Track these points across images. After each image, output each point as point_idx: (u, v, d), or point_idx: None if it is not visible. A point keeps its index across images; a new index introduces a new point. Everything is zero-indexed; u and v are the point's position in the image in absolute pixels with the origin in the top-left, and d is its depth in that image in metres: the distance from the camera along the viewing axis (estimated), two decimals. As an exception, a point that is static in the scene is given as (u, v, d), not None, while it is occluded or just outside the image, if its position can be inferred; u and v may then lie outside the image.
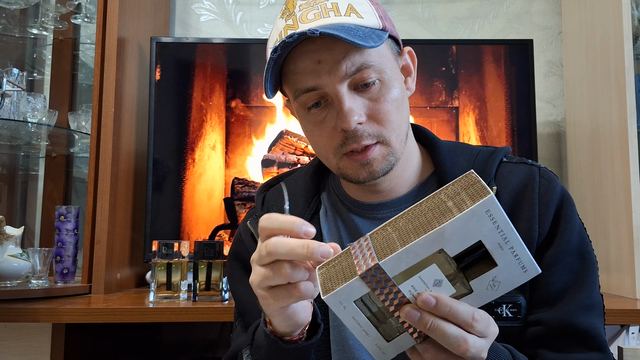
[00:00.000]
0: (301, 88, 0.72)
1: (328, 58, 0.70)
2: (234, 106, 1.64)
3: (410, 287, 0.52)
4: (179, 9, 1.95)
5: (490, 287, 0.53)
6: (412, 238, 0.49)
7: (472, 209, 0.47)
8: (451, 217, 0.48)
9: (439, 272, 0.51)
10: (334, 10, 0.70)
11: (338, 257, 0.55)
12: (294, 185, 0.88)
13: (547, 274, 0.74)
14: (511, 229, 0.49)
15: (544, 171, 0.78)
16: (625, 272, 1.39)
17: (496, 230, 0.49)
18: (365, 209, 0.81)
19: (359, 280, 0.51)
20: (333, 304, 0.53)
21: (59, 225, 1.45)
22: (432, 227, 0.49)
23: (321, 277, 0.55)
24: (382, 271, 0.50)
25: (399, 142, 0.75)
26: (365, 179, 0.74)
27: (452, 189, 0.50)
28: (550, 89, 1.88)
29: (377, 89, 0.72)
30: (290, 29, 0.71)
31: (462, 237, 0.49)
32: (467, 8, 1.93)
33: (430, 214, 0.50)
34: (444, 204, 0.50)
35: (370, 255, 0.51)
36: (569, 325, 0.71)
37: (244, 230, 0.88)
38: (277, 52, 0.68)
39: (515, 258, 0.51)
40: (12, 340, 1.24)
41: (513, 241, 0.50)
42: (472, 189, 0.49)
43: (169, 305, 1.25)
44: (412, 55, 0.81)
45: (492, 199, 0.47)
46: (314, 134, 0.75)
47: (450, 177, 0.78)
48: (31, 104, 1.53)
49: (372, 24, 0.72)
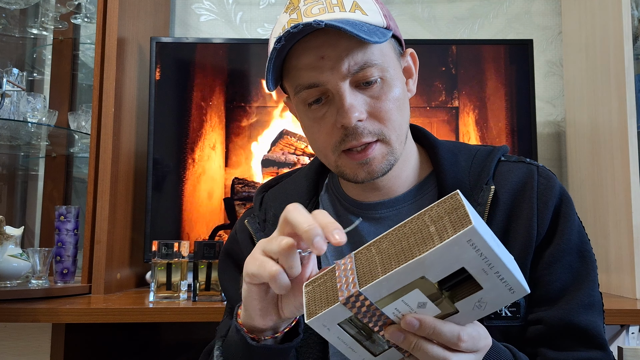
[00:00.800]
0: (303, 84, 0.71)
1: (331, 54, 0.69)
2: (234, 106, 1.64)
3: (394, 309, 0.51)
4: (179, 9, 1.95)
5: (477, 307, 0.52)
6: (394, 265, 0.48)
7: (453, 239, 0.46)
8: (432, 246, 0.47)
9: (422, 295, 0.50)
10: (338, 6, 0.70)
11: (324, 276, 0.55)
12: (292, 186, 0.88)
13: (547, 272, 0.74)
14: (495, 255, 0.47)
15: (542, 170, 0.78)
16: (625, 272, 1.39)
17: (479, 258, 0.47)
18: (364, 208, 0.81)
19: (341, 306, 0.51)
20: (317, 327, 0.53)
21: (58, 225, 1.45)
22: (413, 255, 0.48)
23: (306, 296, 0.55)
24: (364, 297, 0.50)
25: (399, 142, 0.75)
26: (364, 178, 0.74)
27: (436, 212, 0.49)
28: (550, 88, 1.88)
29: (378, 87, 0.72)
30: (294, 22, 0.70)
31: (444, 265, 0.48)
32: (467, 8, 1.93)
33: (412, 239, 0.49)
34: (427, 229, 0.48)
35: (352, 280, 0.51)
36: (570, 324, 0.71)
37: (241, 229, 0.87)
38: (280, 42, 0.68)
39: (502, 281, 0.49)
40: (12, 340, 1.24)
41: (498, 266, 0.48)
42: (455, 215, 0.47)
43: (169, 305, 1.25)
44: (414, 57, 0.81)
45: (474, 230, 0.45)
46: (313, 130, 0.75)
47: (448, 176, 0.78)
48: (31, 104, 1.53)
49: (376, 21, 0.71)
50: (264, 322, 0.63)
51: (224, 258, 0.90)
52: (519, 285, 0.50)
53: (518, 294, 0.51)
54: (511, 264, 0.50)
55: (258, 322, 0.63)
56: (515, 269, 0.50)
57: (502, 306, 0.52)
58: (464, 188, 0.77)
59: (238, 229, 0.88)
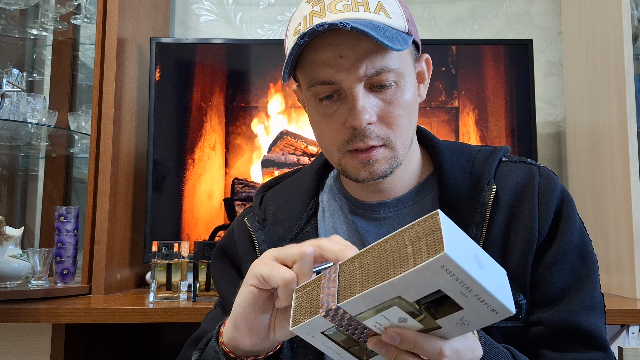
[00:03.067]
0: (317, 79, 0.71)
1: (350, 54, 0.69)
2: (234, 106, 1.64)
3: (375, 322, 0.51)
4: (178, 10, 1.95)
5: (460, 325, 0.51)
6: (370, 284, 0.48)
7: (425, 264, 0.45)
8: (406, 269, 0.46)
9: (401, 312, 0.50)
10: (363, 5, 0.70)
11: (312, 283, 0.55)
12: (293, 186, 0.88)
13: (548, 273, 0.74)
14: (472, 279, 0.46)
15: (543, 170, 0.78)
16: (625, 272, 1.39)
17: (456, 282, 0.46)
18: (365, 208, 0.81)
19: (321, 317, 0.51)
20: (301, 334, 0.54)
21: (58, 226, 1.45)
22: (389, 275, 0.47)
23: (295, 302, 0.55)
24: (344, 311, 0.50)
25: (404, 148, 0.75)
26: (365, 178, 0.74)
27: (415, 232, 0.48)
28: (550, 89, 1.88)
29: (392, 92, 0.71)
30: (317, 16, 0.70)
31: (419, 287, 0.47)
32: (467, 8, 1.93)
33: (390, 258, 0.48)
34: (405, 249, 0.48)
35: (333, 293, 0.51)
36: (571, 325, 0.71)
37: (239, 227, 0.87)
38: (304, 39, 0.67)
39: (483, 303, 0.48)
40: (12, 341, 1.24)
41: (476, 289, 0.47)
42: (432, 238, 0.46)
43: (169, 305, 1.25)
44: (429, 63, 0.81)
45: (446, 257, 0.44)
46: (321, 126, 0.75)
47: (449, 177, 0.78)
48: (31, 104, 1.53)
49: (398, 26, 0.71)
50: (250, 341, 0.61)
51: (218, 254, 0.90)
52: (502, 307, 0.49)
53: (502, 315, 0.50)
54: (493, 286, 0.48)
55: (244, 340, 0.61)
56: (498, 290, 0.48)
57: (488, 324, 0.51)
58: (465, 188, 0.77)
59: (236, 226, 0.88)
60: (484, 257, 0.50)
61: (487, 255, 0.51)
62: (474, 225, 0.74)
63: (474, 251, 0.49)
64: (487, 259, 0.51)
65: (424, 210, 0.79)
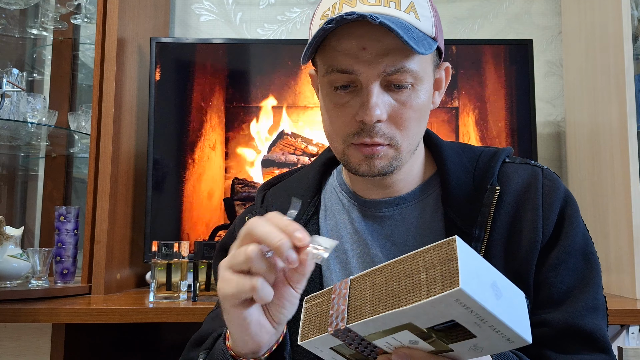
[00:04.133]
0: (336, 66, 0.70)
1: (373, 48, 0.68)
2: (234, 106, 1.63)
3: (385, 342, 0.51)
4: (178, 9, 1.95)
5: (473, 350, 0.50)
6: (381, 309, 0.47)
7: (439, 297, 0.43)
8: (418, 298, 0.45)
9: (412, 335, 0.49)
10: (395, 2, 0.69)
11: (322, 296, 0.55)
12: (295, 184, 0.88)
13: (552, 275, 0.74)
14: (487, 312, 0.44)
15: (547, 172, 0.78)
16: (625, 272, 1.39)
17: (470, 314, 0.45)
18: (368, 205, 0.81)
19: (330, 335, 0.51)
20: (309, 347, 0.54)
21: (58, 226, 1.45)
22: (400, 302, 0.46)
23: (304, 314, 0.55)
24: (353, 332, 0.50)
25: (408, 151, 0.75)
26: (364, 172, 0.74)
27: (430, 257, 0.46)
28: (550, 89, 1.88)
29: (407, 94, 0.71)
30: (347, 4, 0.69)
31: (431, 316, 0.46)
32: (467, 8, 1.93)
33: (403, 283, 0.47)
34: (418, 275, 0.46)
35: (342, 311, 0.51)
36: (574, 327, 0.71)
37: (241, 225, 0.87)
38: (330, 24, 0.66)
39: (497, 333, 0.47)
40: (12, 341, 1.24)
41: (491, 321, 0.45)
42: (447, 267, 0.44)
43: (169, 305, 1.25)
44: (449, 72, 0.81)
45: (461, 291, 0.43)
46: (331, 114, 0.74)
47: (452, 177, 0.78)
48: (31, 104, 1.53)
49: (426, 29, 0.71)
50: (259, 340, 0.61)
51: (219, 252, 0.90)
52: (517, 337, 0.48)
53: (517, 344, 0.48)
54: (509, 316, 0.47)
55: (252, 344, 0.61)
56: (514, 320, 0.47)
57: (502, 351, 0.50)
58: (468, 189, 0.77)
59: (237, 225, 0.89)
60: (502, 282, 0.49)
61: (505, 279, 0.50)
62: (477, 225, 0.74)
63: (491, 279, 0.47)
64: (505, 284, 0.49)
65: (426, 209, 0.80)
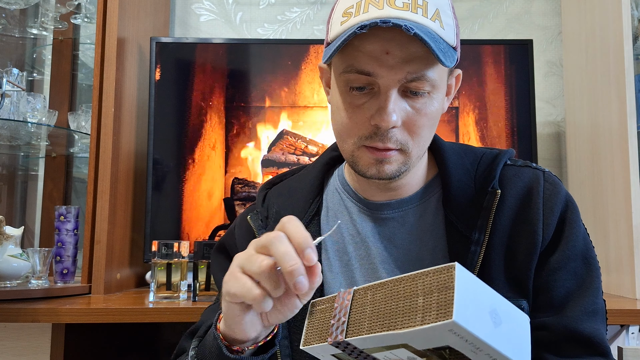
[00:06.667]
0: (356, 67, 0.69)
1: (397, 54, 0.67)
2: (234, 106, 1.63)
3: (384, 356, 0.51)
4: (178, 9, 1.95)
5: None
6: (378, 327, 0.48)
7: (432, 326, 0.44)
8: (413, 324, 0.45)
9: (410, 353, 0.49)
10: (423, 9, 0.68)
11: (327, 301, 0.55)
12: (297, 184, 0.88)
13: (552, 278, 0.74)
14: (482, 342, 0.44)
15: (548, 175, 0.78)
16: (625, 272, 1.39)
17: (465, 342, 0.45)
18: (370, 207, 0.81)
19: (330, 345, 0.52)
20: (312, 352, 0.55)
21: (58, 225, 1.45)
22: (396, 324, 0.46)
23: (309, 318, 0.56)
24: (352, 345, 0.50)
25: (417, 156, 0.75)
26: (373, 175, 0.74)
27: (429, 282, 0.47)
28: (550, 89, 1.88)
29: (423, 101, 0.71)
30: (373, 4, 0.68)
31: (426, 341, 0.46)
32: (467, 8, 1.93)
33: (401, 304, 0.47)
34: (416, 299, 0.46)
35: (342, 324, 0.51)
36: (574, 332, 0.71)
37: (241, 225, 0.87)
38: (363, 30, 0.65)
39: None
40: (12, 340, 1.24)
41: (487, 349, 0.45)
42: (443, 295, 0.44)
43: (169, 305, 1.25)
44: (459, 79, 0.81)
45: (454, 323, 0.43)
46: (344, 114, 0.73)
47: (454, 179, 0.78)
48: (31, 104, 1.53)
49: (449, 39, 0.70)
50: (246, 335, 0.62)
51: (216, 250, 0.91)
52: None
53: None
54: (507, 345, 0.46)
55: (240, 335, 0.62)
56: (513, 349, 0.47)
57: None
58: (469, 191, 0.77)
59: (238, 224, 0.89)
60: (503, 308, 0.48)
61: (506, 304, 0.49)
62: (477, 228, 0.74)
63: (490, 305, 0.47)
64: (506, 309, 0.49)
65: (427, 212, 0.80)
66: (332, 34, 0.72)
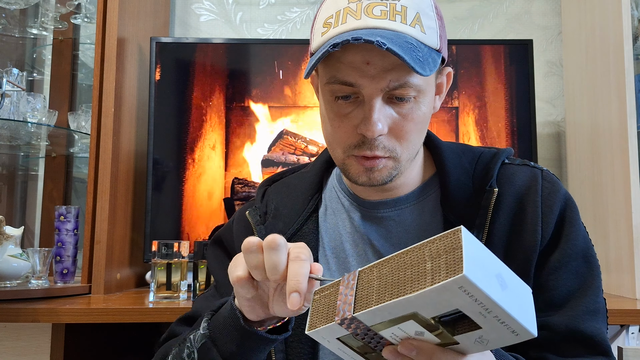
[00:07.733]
0: (339, 78, 0.70)
1: (378, 63, 0.67)
2: (234, 106, 1.63)
3: (391, 333, 0.51)
4: (178, 9, 1.95)
5: (479, 343, 0.50)
6: (387, 297, 0.48)
7: (443, 284, 0.44)
8: (423, 286, 0.45)
9: (418, 326, 0.49)
10: (401, 15, 0.68)
11: (330, 287, 0.55)
12: (297, 182, 0.88)
13: (552, 278, 0.73)
14: (492, 301, 0.44)
15: (546, 174, 0.78)
16: (625, 272, 1.39)
17: (474, 302, 0.45)
18: (367, 206, 0.81)
19: (337, 325, 0.51)
20: (317, 338, 0.54)
21: (58, 226, 1.45)
22: (405, 291, 0.46)
23: (313, 305, 0.55)
24: (359, 321, 0.50)
25: (408, 160, 0.75)
26: (364, 183, 0.74)
27: (436, 247, 0.47)
28: (550, 89, 1.88)
29: (409, 106, 0.71)
30: (352, 15, 0.68)
31: (436, 305, 0.46)
32: (467, 8, 1.93)
33: (409, 272, 0.47)
34: (424, 264, 0.46)
35: (349, 302, 0.51)
36: (575, 331, 0.71)
37: (239, 220, 0.88)
38: (336, 48, 0.65)
39: (502, 324, 0.47)
40: (12, 340, 1.24)
41: (496, 311, 0.45)
42: (452, 256, 0.45)
43: (169, 305, 1.25)
44: (450, 77, 0.81)
45: (464, 278, 0.43)
46: (332, 123, 0.74)
47: (452, 178, 0.78)
48: (31, 104, 1.53)
49: (431, 42, 0.70)
50: (252, 317, 0.65)
51: (213, 242, 0.91)
52: (523, 329, 0.48)
53: (523, 337, 0.48)
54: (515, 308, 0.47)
55: (247, 315, 0.65)
56: (520, 312, 0.47)
57: (508, 344, 0.49)
58: (467, 190, 0.77)
59: (236, 219, 0.89)
60: (508, 275, 0.49)
61: (511, 272, 0.50)
62: (475, 227, 0.74)
63: (496, 270, 0.47)
64: (511, 277, 0.49)
65: (425, 211, 0.80)
66: (314, 44, 0.73)
